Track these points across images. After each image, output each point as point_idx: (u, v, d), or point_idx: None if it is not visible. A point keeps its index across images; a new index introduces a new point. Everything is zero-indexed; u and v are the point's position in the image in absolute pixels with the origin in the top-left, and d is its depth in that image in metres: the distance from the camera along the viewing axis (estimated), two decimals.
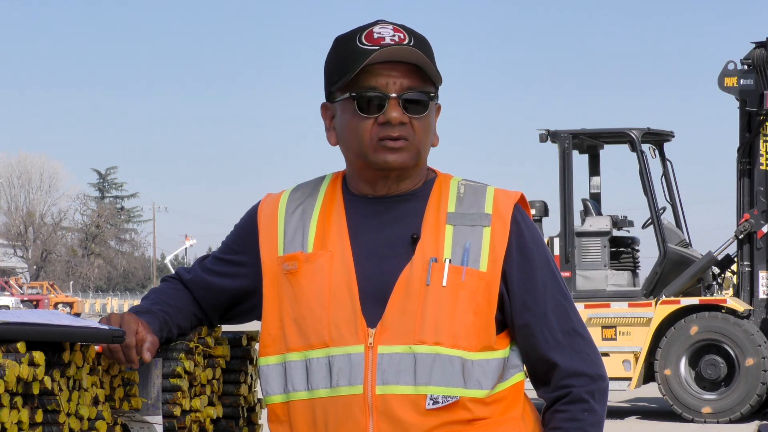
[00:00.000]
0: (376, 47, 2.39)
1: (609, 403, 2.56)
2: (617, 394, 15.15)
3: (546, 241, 13.61)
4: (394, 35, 2.42)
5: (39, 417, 2.17)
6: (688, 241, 14.14)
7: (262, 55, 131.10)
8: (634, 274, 14.16)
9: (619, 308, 13.39)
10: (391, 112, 2.39)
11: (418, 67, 2.42)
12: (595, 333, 13.10)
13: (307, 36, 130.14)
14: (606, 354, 13.03)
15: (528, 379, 2.51)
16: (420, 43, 2.43)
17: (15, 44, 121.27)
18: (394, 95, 2.40)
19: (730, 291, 13.93)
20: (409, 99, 2.41)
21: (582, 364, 2.45)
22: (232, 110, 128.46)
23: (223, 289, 2.58)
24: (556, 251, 13.65)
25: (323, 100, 2.52)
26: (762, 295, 13.16)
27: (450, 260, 2.39)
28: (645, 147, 13.84)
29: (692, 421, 12.91)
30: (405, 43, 2.41)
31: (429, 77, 2.43)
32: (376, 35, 2.42)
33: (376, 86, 2.40)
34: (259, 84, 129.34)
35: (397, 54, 2.40)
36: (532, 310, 2.43)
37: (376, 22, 2.46)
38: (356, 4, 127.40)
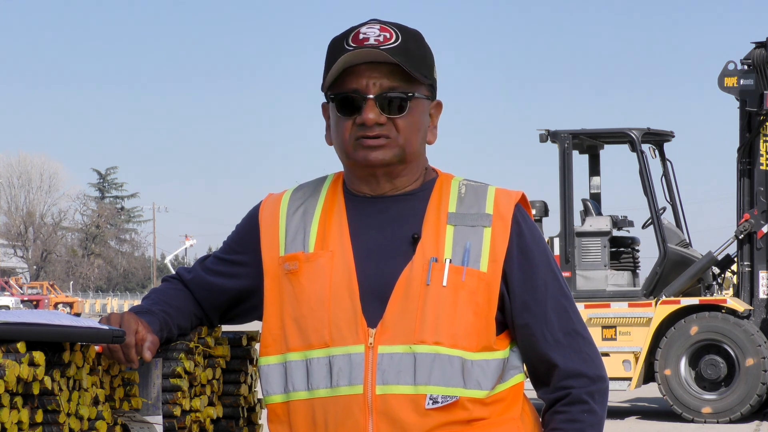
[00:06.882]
0: (354, 48, 2.39)
1: (609, 403, 2.55)
2: (617, 394, 15.15)
3: (546, 241, 13.60)
4: (379, 35, 2.41)
5: (39, 417, 2.17)
6: (688, 241, 14.14)
7: (262, 54, 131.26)
8: (634, 274, 14.16)
9: (619, 308, 13.39)
10: (368, 113, 2.40)
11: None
12: (595, 333, 13.10)
13: (307, 34, 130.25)
14: (606, 354, 13.04)
15: (528, 380, 2.51)
16: (408, 42, 2.42)
17: (15, 44, 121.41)
18: (371, 96, 2.40)
19: (730, 291, 13.92)
20: (387, 98, 2.41)
21: (582, 364, 2.44)
22: (232, 110, 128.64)
23: (223, 289, 2.58)
24: (556, 251, 13.65)
25: (323, 99, 2.52)
26: (762, 295, 13.16)
27: (450, 260, 2.39)
28: (645, 147, 13.85)
29: (692, 421, 12.90)
30: (390, 42, 2.40)
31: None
32: (361, 36, 2.42)
33: (357, 87, 2.41)
34: (259, 83, 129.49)
35: (365, 56, 2.39)
36: (532, 309, 2.43)
37: (367, 22, 2.46)
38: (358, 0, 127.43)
